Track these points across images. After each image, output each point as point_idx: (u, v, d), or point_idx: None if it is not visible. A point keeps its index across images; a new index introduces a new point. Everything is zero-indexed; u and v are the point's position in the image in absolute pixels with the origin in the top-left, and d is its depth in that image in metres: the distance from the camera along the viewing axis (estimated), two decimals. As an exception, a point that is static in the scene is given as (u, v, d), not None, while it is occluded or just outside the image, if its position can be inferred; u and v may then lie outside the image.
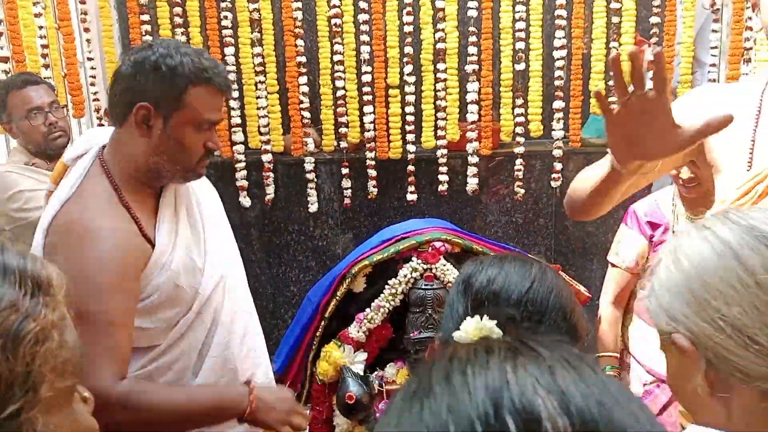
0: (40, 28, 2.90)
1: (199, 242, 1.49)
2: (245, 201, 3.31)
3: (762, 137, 1.18)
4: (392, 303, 1.92)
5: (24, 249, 0.62)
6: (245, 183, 3.30)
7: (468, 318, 0.91)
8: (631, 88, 1.00)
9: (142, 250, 1.37)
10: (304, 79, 3.22)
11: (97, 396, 1.29)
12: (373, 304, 1.93)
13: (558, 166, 3.17)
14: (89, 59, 3.21)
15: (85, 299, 1.28)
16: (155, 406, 1.30)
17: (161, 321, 1.41)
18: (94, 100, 3.22)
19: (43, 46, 2.90)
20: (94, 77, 3.22)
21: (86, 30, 3.18)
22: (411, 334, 1.88)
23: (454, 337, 0.91)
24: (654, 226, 2.11)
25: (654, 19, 3.07)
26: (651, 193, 2.76)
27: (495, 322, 0.89)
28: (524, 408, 0.39)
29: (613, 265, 2.18)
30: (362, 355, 1.92)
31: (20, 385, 0.57)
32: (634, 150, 1.04)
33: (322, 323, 1.95)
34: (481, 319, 0.89)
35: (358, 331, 1.92)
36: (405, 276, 1.92)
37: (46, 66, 2.92)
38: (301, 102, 3.23)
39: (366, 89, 3.17)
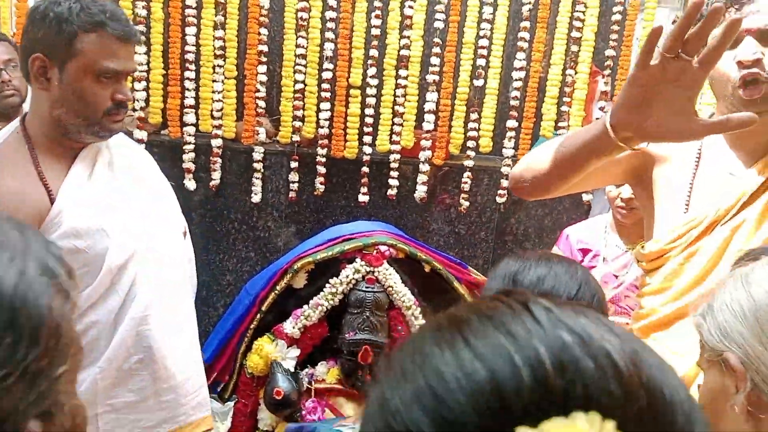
0: (-9, -19, 2.77)
1: (115, 209, 1.42)
2: (190, 184, 3.24)
3: (699, 182, 1.23)
4: (331, 302, 1.93)
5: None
6: (192, 166, 3.23)
7: None
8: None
9: (39, 208, 1.32)
10: (263, 68, 3.18)
11: None
12: (311, 301, 1.93)
13: (505, 183, 3.25)
14: (41, 19, 3.09)
15: None
16: None
17: None
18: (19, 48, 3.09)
19: (-7, 1, 2.78)
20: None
21: (41, -11, 3.05)
22: (346, 335, 1.89)
23: None
24: (584, 251, 2.19)
25: (609, 52, 3.19)
26: (587, 218, 2.87)
27: None
28: (593, 342, 0.38)
29: None
30: (295, 352, 1.92)
31: (67, 348, 0.54)
32: (642, 114, 0.94)
33: (258, 316, 1.94)
34: None
35: (293, 327, 1.91)
36: (347, 276, 1.93)
37: (-6, 21, 2.79)
38: (258, 91, 3.19)
39: (325, 86, 3.16)
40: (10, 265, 0.51)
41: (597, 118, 3.16)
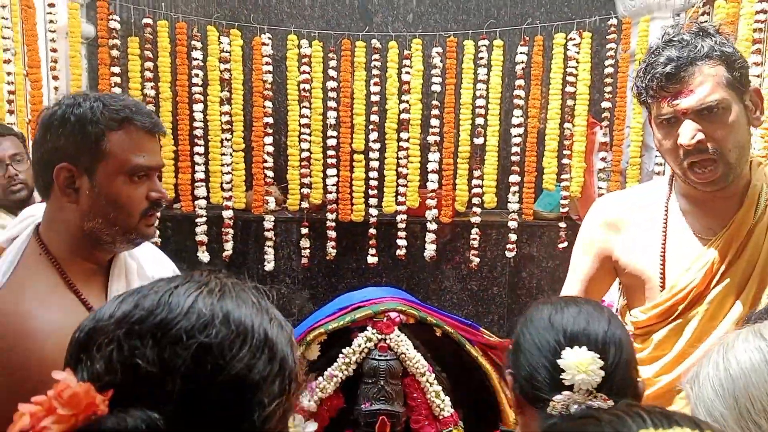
0: (8, 74, 2.90)
1: None
2: (203, 256, 3.30)
3: (671, 252, 1.22)
4: (345, 372, 1.94)
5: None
6: (204, 238, 3.30)
7: (569, 350, 0.94)
8: None
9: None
10: (269, 139, 3.28)
11: None
12: (326, 372, 1.94)
13: (513, 237, 3.28)
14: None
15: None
16: None
17: None
18: (33, 158, 3.20)
19: (10, 92, 2.90)
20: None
21: (55, 78, 3.19)
22: (362, 405, 1.88)
23: (562, 364, 0.93)
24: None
25: (606, 104, 3.26)
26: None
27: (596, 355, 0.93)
28: None
29: None
30: (312, 426, 1.91)
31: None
32: None
33: (274, 390, 1.94)
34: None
35: (310, 401, 1.92)
36: (359, 345, 1.94)
37: (11, 112, 2.91)
38: (265, 161, 3.29)
39: (330, 152, 3.25)
40: (271, 323, 0.60)
41: (599, 169, 3.21)
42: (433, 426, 1.89)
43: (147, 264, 1.39)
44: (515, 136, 3.25)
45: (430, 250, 3.29)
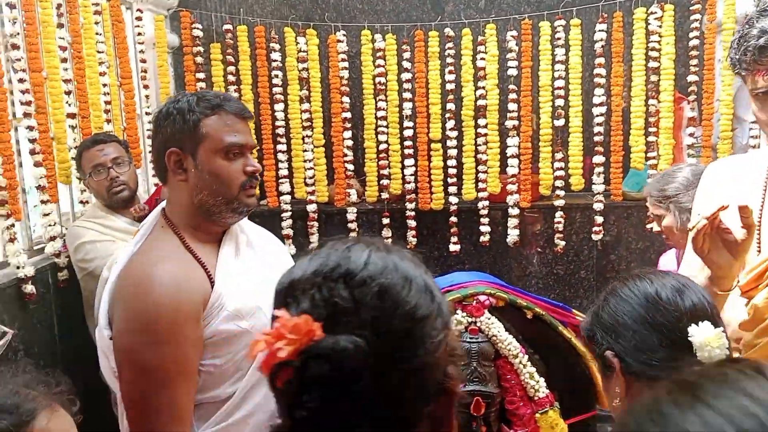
0: (104, 85, 3.09)
1: (264, 286, 1.44)
2: (290, 249, 3.41)
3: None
4: (437, 355, 1.95)
5: None
6: (291, 231, 3.40)
7: (695, 327, 0.97)
8: None
9: (203, 291, 1.35)
10: (348, 134, 3.35)
11: None
12: (418, 356, 1.96)
13: (599, 219, 3.20)
14: (147, 113, 3.40)
15: (142, 350, 1.30)
16: None
17: (228, 362, 1.39)
18: (151, 152, 3.38)
19: (107, 102, 3.09)
20: (150, 130, 3.39)
21: (146, 87, 3.37)
22: (456, 387, 1.90)
23: (696, 343, 0.96)
24: None
25: (692, 78, 3.13)
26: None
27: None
28: None
29: None
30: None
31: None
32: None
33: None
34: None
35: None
36: (450, 329, 1.95)
37: (108, 121, 3.10)
38: (345, 155, 3.35)
39: (408, 143, 3.28)
40: (426, 275, 0.71)
41: (688, 145, 3.09)
42: (528, 407, 1.88)
43: (255, 237, 1.56)
44: (598, 115, 3.17)
45: (513, 235, 3.26)
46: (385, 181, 3.32)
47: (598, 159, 3.18)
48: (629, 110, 3.19)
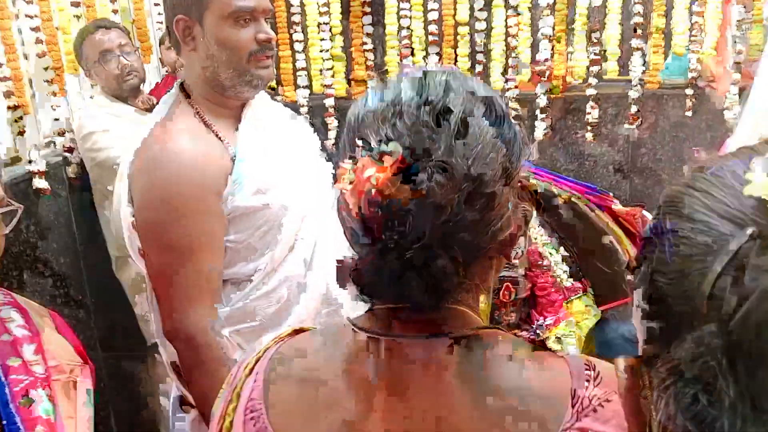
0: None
1: (286, 161, 1.43)
2: (309, 146, 3.30)
3: None
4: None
5: None
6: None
7: None
8: None
9: (223, 166, 1.32)
10: (368, 19, 3.14)
11: (183, 333, 1.31)
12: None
13: (633, 109, 3.01)
14: (156, 5, 3.22)
15: (166, 223, 1.29)
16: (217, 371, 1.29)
17: (250, 237, 1.36)
18: (161, 44, 3.24)
19: (112, -9, 2.92)
20: (161, 23, 3.22)
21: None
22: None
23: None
24: None
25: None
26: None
27: None
28: None
29: None
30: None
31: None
32: None
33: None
34: None
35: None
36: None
37: (115, 11, 2.94)
38: (365, 44, 3.16)
39: (432, 28, 3.07)
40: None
41: (738, 21, 2.84)
42: (560, 292, 1.81)
43: (276, 112, 1.52)
44: (637, -7, 2.91)
45: (540, 128, 3.09)
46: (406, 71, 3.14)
47: (637, 42, 2.94)
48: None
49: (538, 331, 1.58)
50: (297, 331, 0.78)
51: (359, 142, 0.64)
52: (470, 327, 0.68)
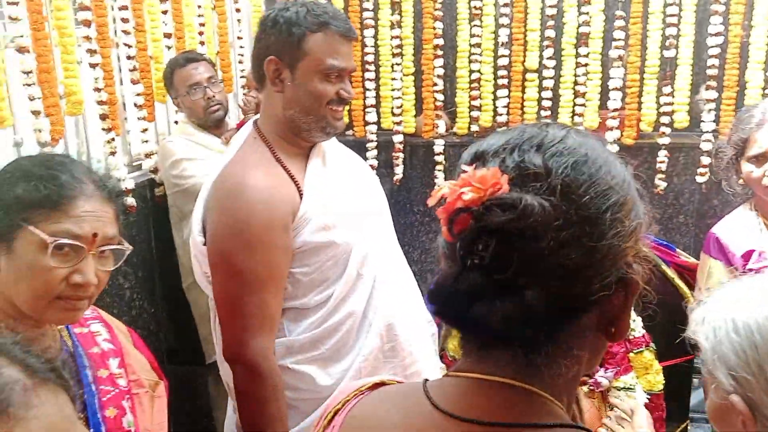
0: (199, 7, 3.10)
1: (352, 200, 1.50)
2: (374, 179, 3.38)
3: None
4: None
5: None
6: (375, 162, 3.37)
7: None
8: None
9: (293, 202, 1.39)
10: (440, 62, 3.23)
11: (242, 359, 1.38)
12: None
13: (705, 160, 2.98)
14: (239, 38, 3.40)
15: (234, 254, 1.37)
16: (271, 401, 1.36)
17: (316, 271, 1.43)
18: (242, 77, 3.41)
19: (201, 24, 3.10)
20: (242, 55, 3.40)
21: (237, 10, 3.36)
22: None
23: None
24: (747, 254, 1.78)
25: (828, 4, 2.80)
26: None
27: None
28: None
29: None
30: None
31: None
32: None
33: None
34: None
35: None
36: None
37: (202, 43, 3.12)
38: (435, 84, 3.25)
39: (501, 72, 3.13)
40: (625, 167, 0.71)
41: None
42: (622, 345, 1.80)
43: (341, 153, 1.60)
44: (712, 47, 2.90)
45: (607, 175, 3.09)
46: (475, 113, 3.21)
47: (710, 94, 2.93)
48: (748, 42, 2.90)
49: (600, 381, 1.58)
50: (378, 384, 0.77)
51: (465, 168, 0.64)
52: (548, 421, 0.63)
